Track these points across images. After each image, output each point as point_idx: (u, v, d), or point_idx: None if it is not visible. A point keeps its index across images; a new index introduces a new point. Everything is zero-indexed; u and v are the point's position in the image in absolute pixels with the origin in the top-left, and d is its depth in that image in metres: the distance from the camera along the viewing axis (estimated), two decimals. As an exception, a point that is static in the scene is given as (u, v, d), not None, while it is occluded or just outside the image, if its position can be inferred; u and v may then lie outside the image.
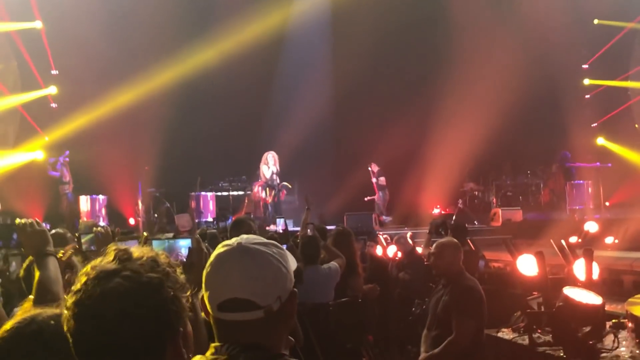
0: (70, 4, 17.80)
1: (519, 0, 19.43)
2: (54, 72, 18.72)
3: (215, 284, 2.01)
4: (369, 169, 18.95)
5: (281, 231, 9.97)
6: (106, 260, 1.76)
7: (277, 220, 16.78)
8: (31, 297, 3.13)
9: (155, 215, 18.17)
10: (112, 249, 1.79)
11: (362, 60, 19.00)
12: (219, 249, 2.07)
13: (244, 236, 2.10)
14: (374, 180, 18.94)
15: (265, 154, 17.69)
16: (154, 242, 2.87)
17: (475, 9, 19.04)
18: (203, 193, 17.79)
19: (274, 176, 17.54)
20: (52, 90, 18.63)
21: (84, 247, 4.24)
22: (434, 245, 6.35)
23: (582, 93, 20.80)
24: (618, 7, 19.47)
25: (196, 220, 17.15)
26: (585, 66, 20.79)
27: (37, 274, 3.13)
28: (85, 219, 16.78)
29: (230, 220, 12.58)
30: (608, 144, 19.92)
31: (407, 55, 20.31)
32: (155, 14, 17.93)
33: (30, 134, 18.15)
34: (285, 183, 17.67)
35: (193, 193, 17.78)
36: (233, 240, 2.08)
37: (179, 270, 1.85)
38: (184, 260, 2.77)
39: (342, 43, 19.62)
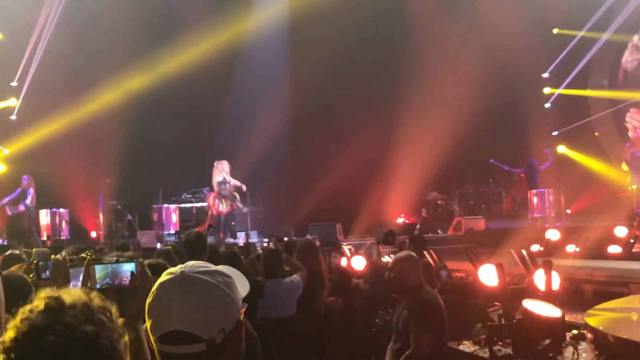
0: (30, 15, 17.60)
1: (480, 10, 19.55)
2: (13, 83, 18.48)
3: (156, 315, 1.94)
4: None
5: (242, 244, 9.92)
6: (35, 309, 1.67)
7: (238, 233, 16.71)
8: None
9: (115, 226, 17.97)
10: (42, 296, 1.69)
11: (321, 70, 18.90)
12: (163, 277, 2.00)
13: (190, 263, 2.03)
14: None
15: (215, 164, 17.54)
16: (97, 267, 2.77)
17: (435, 19, 19.18)
18: (165, 205, 17.64)
19: (222, 186, 17.40)
20: (12, 102, 18.39)
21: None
22: (392, 260, 6.31)
23: (542, 101, 21.00)
24: (576, 16, 19.72)
25: (162, 232, 17.03)
26: (545, 75, 21.00)
27: None
28: (45, 234, 16.51)
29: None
30: (569, 151, 20.14)
31: (367, 65, 20.34)
32: (115, 26, 17.82)
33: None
34: (234, 193, 17.52)
35: (155, 205, 17.63)
36: (177, 268, 2.00)
37: (114, 313, 1.77)
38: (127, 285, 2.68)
39: (301, 52, 19.59)
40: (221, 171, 17.40)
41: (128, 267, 2.64)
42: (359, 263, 9.56)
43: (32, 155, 17.50)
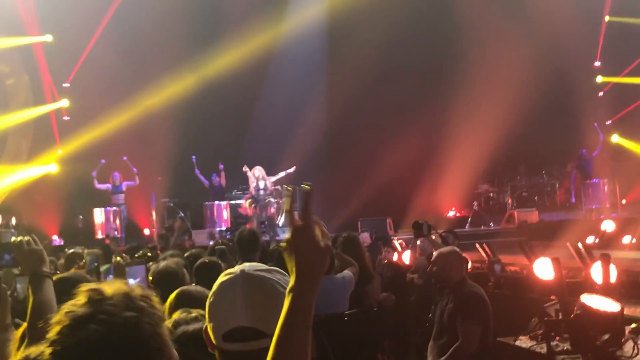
0: (77, 18, 17.88)
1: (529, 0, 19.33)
2: (65, 85, 18.79)
3: (219, 314, 1.97)
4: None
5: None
6: (78, 303, 1.68)
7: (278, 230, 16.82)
8: (25, 323, 2.95)
9: (170, 224, 18.16)
10: (83, 289, 1.71)
11: (367, 65, 18.86)
12: (222, 277, 2.03)
13: (247, 264, 2.07)
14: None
15: (253, 169, 17.69)
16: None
17: (483, 9, 18.96)
18: (217, 202, 17.75)
19: (260, 191, 17.55)
20: (64, 103, 18.70)
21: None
22: (435, 255, 6.36)
23: (595, 91, 20.62)
24: (629, 4, 19.34)
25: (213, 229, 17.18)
26: (597, 63, 20.62)
27: (30, 297, 2.99)
28: (100, 233, 16.76)
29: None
30: (623, 141, 19.75)
31: (414, 57, 20.20)
32: (162, 28, 17.98)
33: (43, 147, 18.21)
34: (269, 199, 17.62)
35: (207, 203, 17.76)
36: (236, 268, 2.05)
37: (155, 300, 1.77)
38: None
39: (344, 44, 19.53)
40: (253, 178, 17.58)
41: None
42: (408, 258, 9.51)
43: (85, 155, 17.80)
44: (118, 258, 4.12)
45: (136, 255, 6.96)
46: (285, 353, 1.75)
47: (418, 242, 9.34)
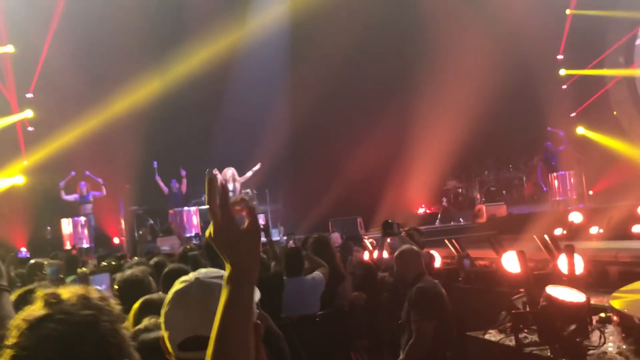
0: (40, 28, 17.72)
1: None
2: (29, 95, 18.59)
3: (174, 323, 1.95)
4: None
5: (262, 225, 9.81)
6: (35, 307, 1.69)
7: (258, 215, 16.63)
8: None
9: (138, 232, 18.04)
10: (40, 295, 1.71)
11: (332, 64, 18.84)
12: (177, 285, 2.01)
13: (202, 270, 2.05)
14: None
15: (224, 170, 17.63)
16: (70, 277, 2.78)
17: (447, 5, 19.07)
18: (186, 208, 17.68)
19: (230, 193, 17.43)
20: (29, 114, 18.49)
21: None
22: (395, 254, 6.49)
23: (558, 83, 20.82)
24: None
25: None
26: (560, 56, 20.82)
27: None
28: (69, 243, 16.61)
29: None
30: (588, 132, 19.96)
31: (379, 55, 20.28)
32: (122, 33, 17.80)
33: (8, 159, 17.99)
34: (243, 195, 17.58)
35: (176, 209, 17.68)
36: (190, 276, 2.02)
37: (113, 301, 1.77)
38: None
39: (310, 44, 19.51)
40: (222, 180, 17.51)
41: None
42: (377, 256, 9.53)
43: (51, 166, 17.63)
44: (84, 269, 4.09)
45: (102, 263, 6.91)
46: (225, 350, 1.69)
47: (388, 240, 9.36)
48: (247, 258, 1.72)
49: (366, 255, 10.15)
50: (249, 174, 17.85)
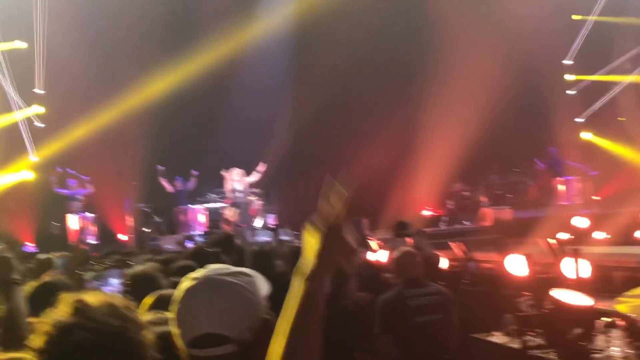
0: (51, 25, 17.78)
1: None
2: (39, 91, 18.64)
3: (185, 320, 1.97)
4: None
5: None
6: (62, 312, 1.71)
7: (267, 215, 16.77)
8: None
9: (142, 229, 18.07)
10: (66, 299, 1.74)
11: (339, 66, 18.84)
12: (187, 282, 2.03)
13: (212, 267, 2.06)
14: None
15: (230, 170, 17.70)
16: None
17: (453, 8, 19.04)
18: (192, 206, 17.72)
19: (234, 194, 17.55)
20: (39, 109, 18.54)
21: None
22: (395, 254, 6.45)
23: (565, 89, 20.80)
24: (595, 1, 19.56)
25: (187, 233, 17.10)
26: (567, 62, 20.81)
27: (1, 306, 2.98)
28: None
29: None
30: (594, 138, 19.95)
31: (385, 59, 20.28)
32: (132, 32, 17.89)
33: (17, 154, 18.05)
34: (249, 200, 17.64)
35: (181, 207, 17.73)
36: (200, 273, 2.04)
37: (136, 310, 1.81)
38: None
39: (316, 46, 19.53)
40: (230, 180, 17.58)
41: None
42: (384, 257, 9.52)
43: (59, 161, 17.68)
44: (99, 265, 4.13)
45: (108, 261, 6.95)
46: (300, 342, 1.82)
47: (405, 240, 9.36)
48: (337, 258, 1.91)
49: (370, 256, 10.16)
50: (256, 175, 17.88)
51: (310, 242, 1.95)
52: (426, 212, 19.72)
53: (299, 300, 1.80)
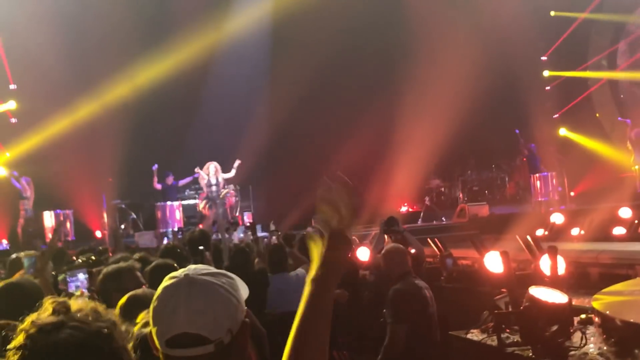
0: (25, 19, 17.59)
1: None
2: (12, 86, 18.44)
3: (162, 319, 1.93)
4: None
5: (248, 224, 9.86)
6: (43, 314, 1.68)
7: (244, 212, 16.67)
8: None
9: (119, 226, 17.95)
10: (48, 303, 1.71)
11: (316, 63, 18.82)
12: (166, 281, 1.99)
13: (192, 266, 2.03)
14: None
15: (207, 164, 17.65)
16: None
17: (430, 4, 19.09)
18: (169, 203, 17.64)
19: (209, 188, 17.52)
20: (11, 105, 18.35)
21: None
22: (382, 252, 6.54)
23: (542, 85, 20.93)
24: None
25: (164, 230, 17.01)
26: (544, 58, 20.93)
27: None
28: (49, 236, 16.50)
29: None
30: (570, 134, 20.08)
31: (362, 55, 20.31)
32: (109, 27, 17.82)
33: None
34: (225, 190, 17.58)
35: (159, 203, 17.63)
36: (180, 272, 2.00)
37: (119, 320, 1.79)
38: None
39: (294, 44, 19.51)
40: (204, 175, 17.53)
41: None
42: (363, 254, 9.51)
43: (33, 157, 17.51)
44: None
45: (80, 258, 6.87)
46: (309, 342, 1.82)
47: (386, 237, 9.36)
48: (342, 259, 1.94)
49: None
50: (232, 172, 17.81)
51: (316, 249, 1.96)
52: (404, 209, 19.74)
53: (304, 302, 1.79)
